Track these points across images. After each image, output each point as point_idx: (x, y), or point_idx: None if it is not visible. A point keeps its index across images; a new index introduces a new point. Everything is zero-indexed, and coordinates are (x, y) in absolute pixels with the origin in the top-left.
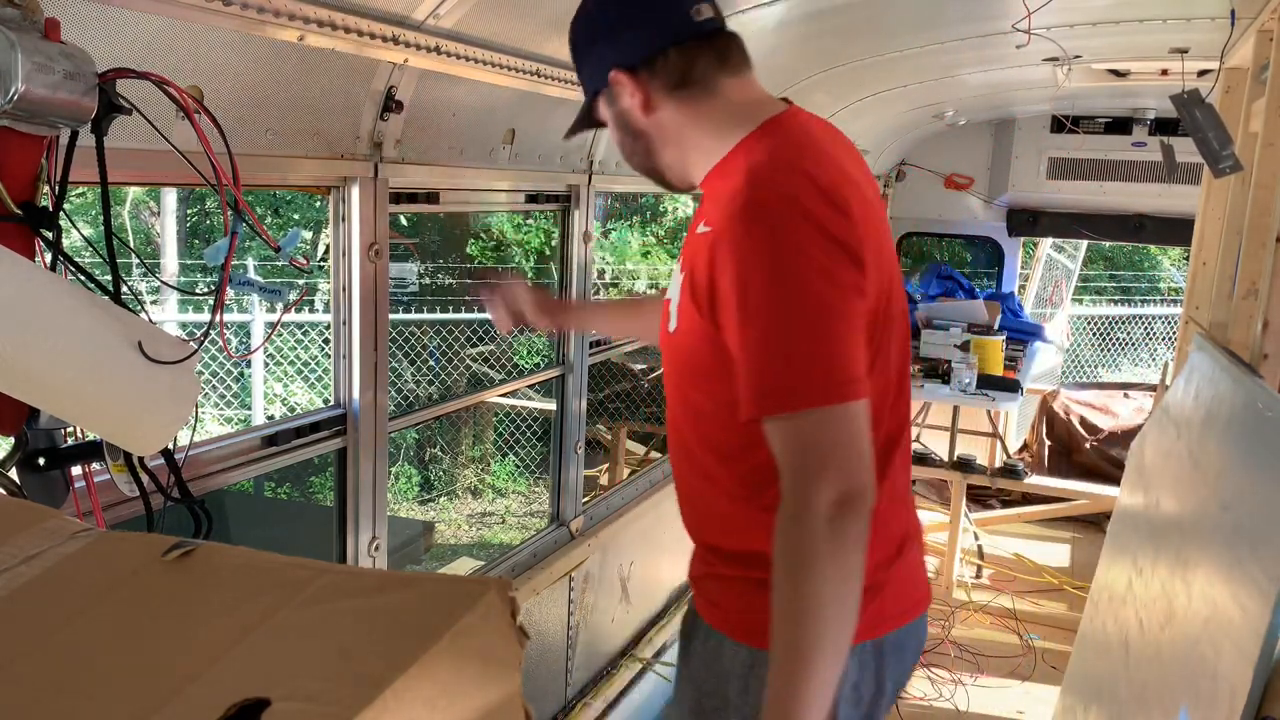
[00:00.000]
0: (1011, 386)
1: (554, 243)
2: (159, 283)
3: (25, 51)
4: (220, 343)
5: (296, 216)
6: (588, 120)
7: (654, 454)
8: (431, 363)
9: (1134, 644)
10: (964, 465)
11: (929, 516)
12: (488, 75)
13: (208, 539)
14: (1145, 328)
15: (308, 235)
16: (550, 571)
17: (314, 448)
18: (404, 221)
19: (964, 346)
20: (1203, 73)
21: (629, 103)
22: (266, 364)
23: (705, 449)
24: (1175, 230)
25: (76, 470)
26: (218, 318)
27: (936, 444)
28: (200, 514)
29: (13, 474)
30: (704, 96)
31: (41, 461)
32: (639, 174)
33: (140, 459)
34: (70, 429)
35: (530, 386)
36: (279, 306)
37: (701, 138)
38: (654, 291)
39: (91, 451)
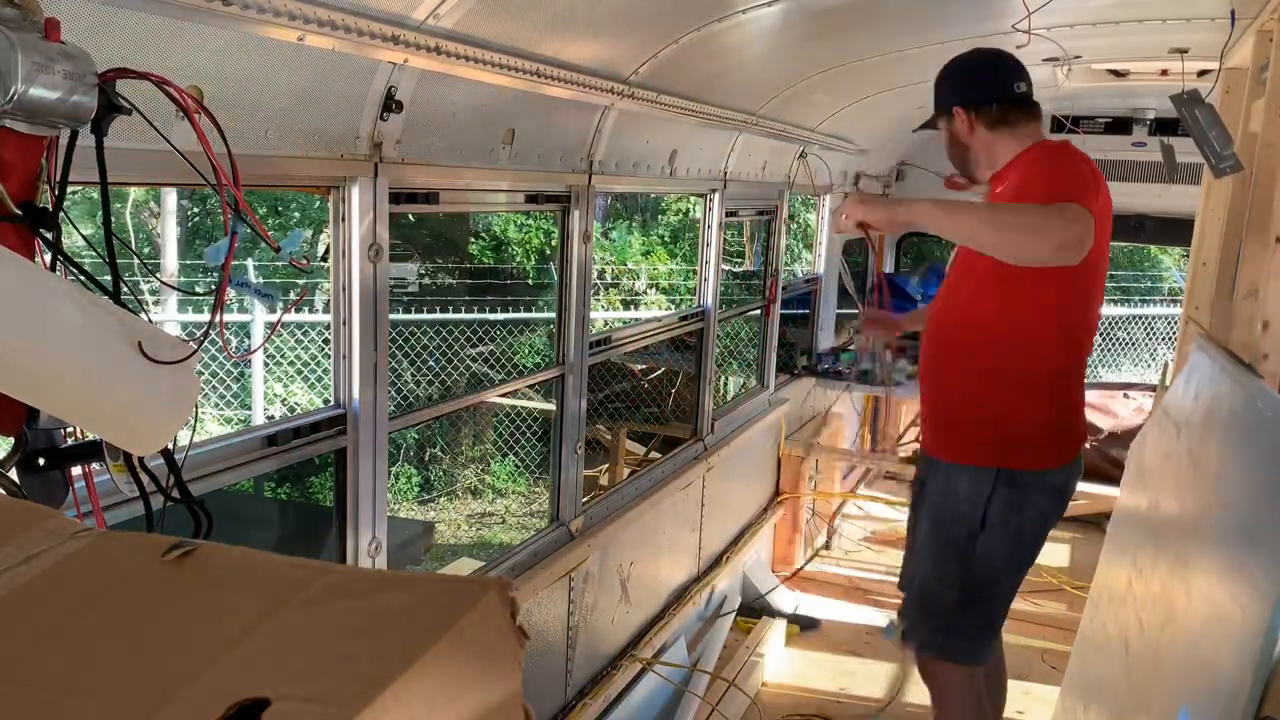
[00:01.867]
0: None
1: (554, 242)
2: (159, 283)
3: (25, 51)
4: (220, 343)
5: (298, 215)
6: (933, 125)
7: (654, 454)
8: (431, 363)
9: (1134, 644)
10: None
11: None
12: (488, 75)
13: (207, 539)
14: (1146, 328)
15: (308, 235)
16: (550, 571)
17: (314, 448)
18: (412, 219)
19: None
20: (1203, 73)
21: (961, 127)
22: (266, 364)
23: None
24: (1175, 230)
25: (76, 470)
26: (218, 318)
27: None
28: (200, 514)
29: (12, 474)
30: (1007, 131)
31: (41, 461)
32: (954, 164)
33: (140, 459)
34: (70, 429)
35: (530, 386)
36: (278, 307)
37: (999, 152)
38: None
39: (91, 451)
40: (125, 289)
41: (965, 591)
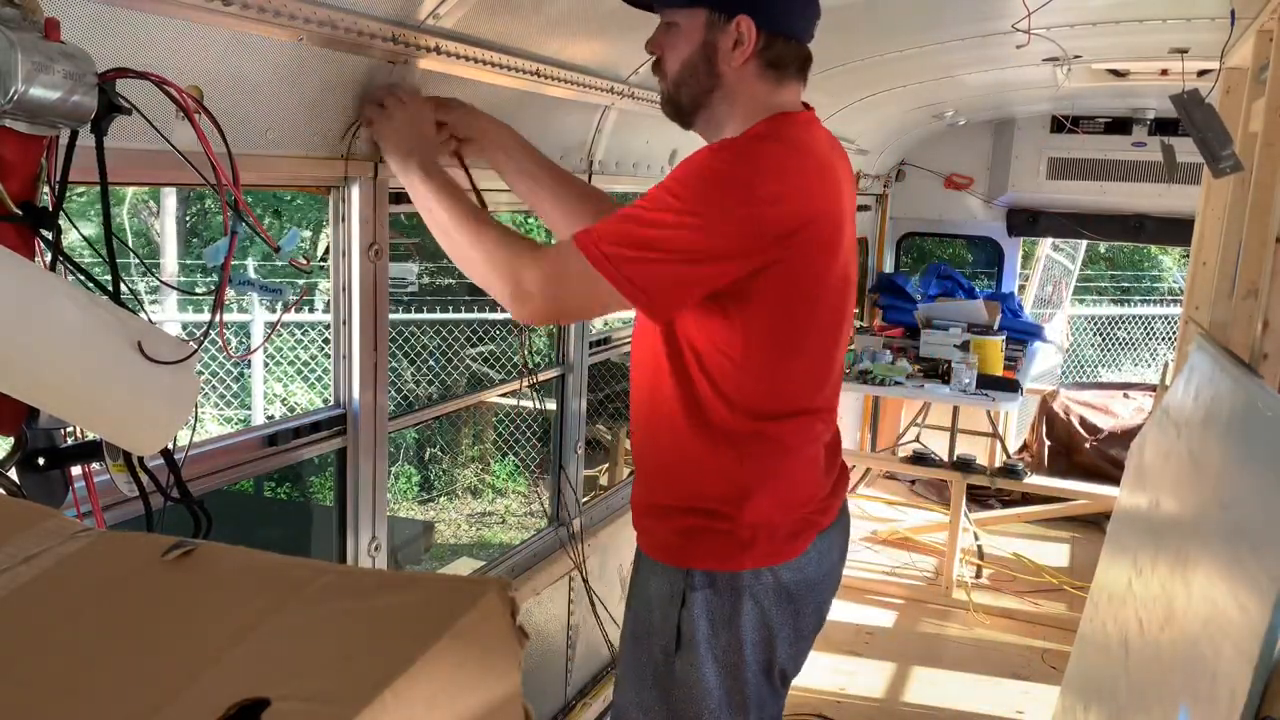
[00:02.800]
0: (1011, 386)
1: (554, 242)
2: (158, 282)
3: (25, 51)
4: (220, 343)
5: (298, 216)
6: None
7: None
8: (431, 362)
9: (1134, 644)
10: (964, 465)
11: (929, 516)
12: (488, 75)
13: (207, 539)
14: (1146, 327)
15: (307, 235)
16: (550, 571)
17: (314, 448)
18: (404, 220)
19: (964, 346)
20: (1203, 73)
21: (729, 46)
22: (266, 364)
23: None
24: (1175, 230)
25: (76, 470)
26: (217, 318)
27: (936, 444)
28: (200, 514)
29: (12, 474)
30: (773, 83)
31: (41, 461)
32: (671, 88)
33: (140, 459)
34: (69, 429)
35: (530, 386)
36: (279, 307)
37: (747, 110)
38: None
39: (91, 451)
40: (127, 289)
41: None
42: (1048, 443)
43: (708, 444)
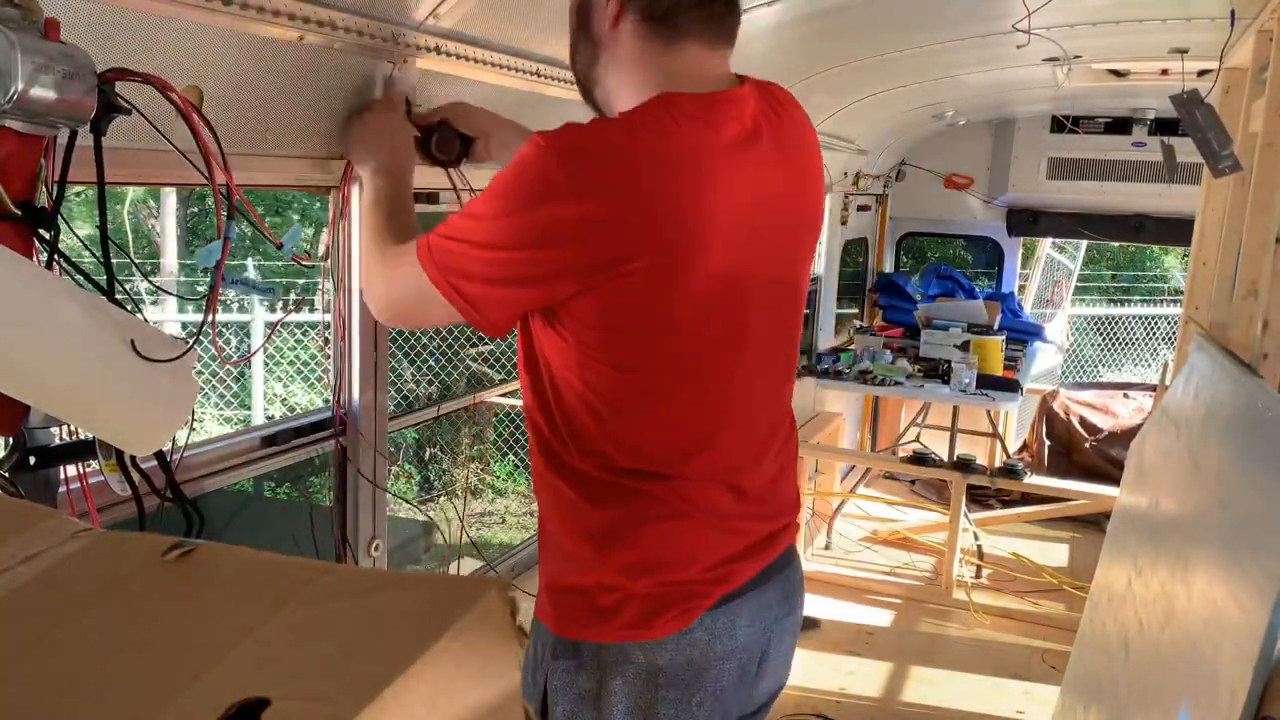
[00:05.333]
0: (1011, 386)
1: None
2: (153, 285)
3: (25, 51)
4: (214, 346)
5: (296, 218)
6: None
7: None
8: (431, 363)
9: (1134, 644)
10: (964, 465)
11: (928, 517)
12: (488, 75)
13: (200, 539)
14: (1148, 327)
15: (308, 232)
16: None
17: (314, 448)
18: None
19: (964, 346)
20: (1203, 73)
21: (600, 4)
22: (266, 364)
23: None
24: (1175, 230)
25: (73, 471)
26: (210, 320)
27: (936, 444)
28: (192, 514)
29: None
30: (665, 47)
31: (32, 460)
32: (574, 75)
33: (132, 458)
34: (61, 428)
35: None
36: (279, 307)
37: (639, 79)
38: None
39: (83, 450)
40: (122, 289)
41: None
42: (1048, 443)
43: (565, 485)
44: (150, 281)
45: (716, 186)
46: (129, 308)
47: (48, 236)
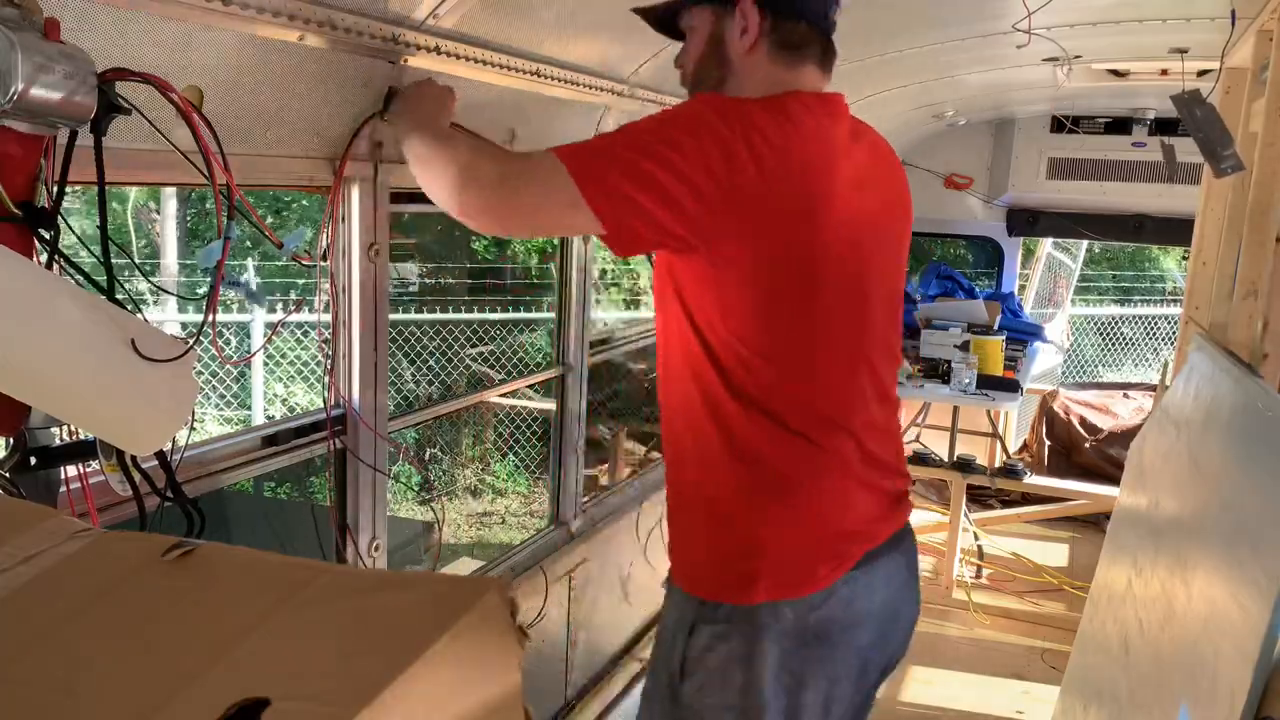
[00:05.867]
0: (1011, 386)
1: (555, 241)
2: (153, 285)
3: (25, 51)
4: (214, 347)
5: (294, 219)
6: (668, 18)
7: (654, 454)
8: (431, 363)
9: (1134, 644)
10: (964, 465)
11: (928, 516)
12: (488, 75)
13: (200, 538)
14: (1146, 328)
15: (309, 234)
16: (550, 571)
17: (313, 448)
18: (406, 218)
19: (964, 346)
20: (1203, 73)
21: (736, 34)
22: (266, 364)
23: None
24: (1175, 230)
25: (73, 471)
26: (210, 319)
27: (936, 444)
28: (193, 514)
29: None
30: (788, 69)
31: (33, 461)
32: (689, 89)
33: (133, 458)
34: (61, 428)
35: (530, 386)
36: (279, 307)
37: (761, 92)
38: None
39: (84, 451)
40: (122, 289)
41: None
42: (1048, 443)
43: (722, 453)
44: (150, 281)
45: (839, 162)
46: (129, 308)
47: (48, 236)
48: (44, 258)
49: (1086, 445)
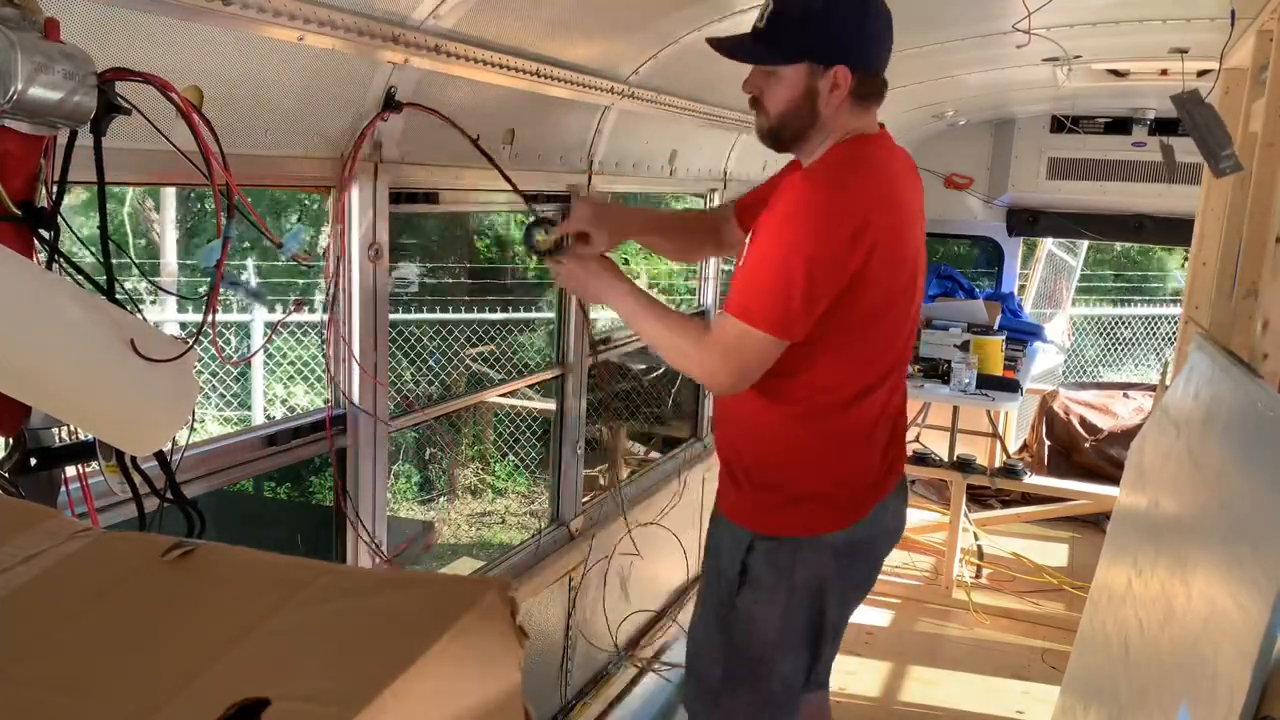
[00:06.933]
0: (1011, 386)
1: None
2: (152, 285)
3: (25, 51)
4: (214, 346)
5: (294, 218)
6: (753, 56)
7: (654, 454)
8: (431, 363)
9: (1134, 644)
10: (964, 465)
11: (928, 516)
12: (488, 75)
13: (201, 539)
14: (1146, 328)
15: (308, 234)
16: (550, 571)
17: (314, 448)
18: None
19: (964, 346)
20: (1203, 73)
21: (828, 89)
22: (266, 364)
23: None
24: (1175, 230)
25: (72, 472)
26: (210, 319)
27: (936, 444)
28: (193, 514)
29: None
30: (861, 115)
31: (33, 461)
32: (774, 124)
33: (133, 459)
34: (61, 428)
35: (530, 386)
36: (278, 308)
37: (829, 137)
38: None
39: (83, 452)
40: (121, 289)
41: (730, 666)
42: (1048, 443)
43: (777, 418)
44: (150, 281)
45: (904, 190)
46: (129, 308)
47: (48, 236)
48: (44, 258)
49: (1086, 445)
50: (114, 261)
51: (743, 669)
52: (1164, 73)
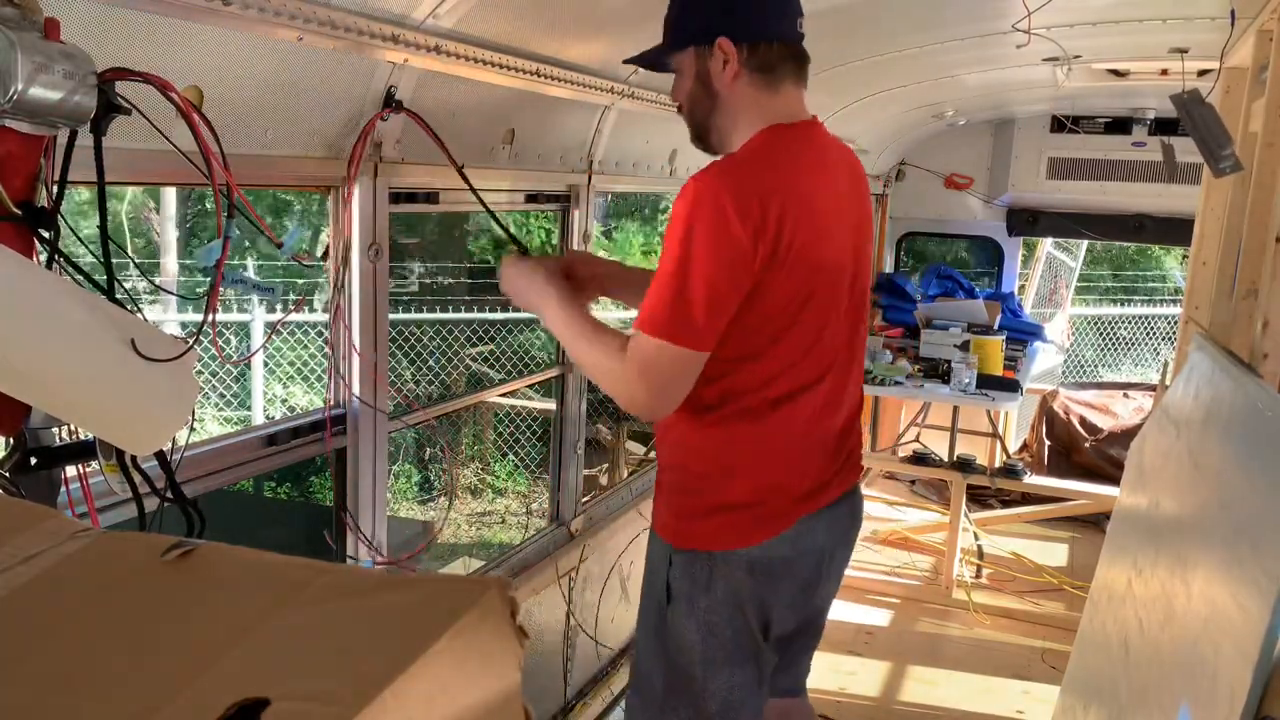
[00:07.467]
0: (1011, 386)
1: (554, 240)
2: (152, 285)
3: (25, 51)
4: (214, 345)
5: (295, 218)
6: (657, 61)
7: (654, 454)
8: (431, 363)
9: (1134, 644)
10: (964, 465)
11: (928, 516)
12: (488, 75)
13: (201, 539)
14: (1146, 328)
15: (308, 234)
16: (550, 571)
17: (313, 448)
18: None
19: (964, 346)
20: (1203, 73)
21: (718, 67)
22: (266, 364)
23: None
24: (1175, 230)
25: (72, 471)
26: (210, 319)
27: (936, 444)
28: (193, 514)
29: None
30: (768, 91)
31: (33, 461)
32: (688, 122)
33: (133, 459)
34: (61, 428)
35: (530, 386)
36: (277, 307)
37: (744, 122)
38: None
39: (83, 451)
40: (121, 289)
41: (669, 677)
42: (1048, 443)
43: (694, 424)
44: (150, 281)
45: (821, 187)
46: (129, 308)
47: (48, 236)
48: (44, 257)
49: (1086, 445)
50: (114, 261)
51: (680, 684)
52: (1164, 72)
